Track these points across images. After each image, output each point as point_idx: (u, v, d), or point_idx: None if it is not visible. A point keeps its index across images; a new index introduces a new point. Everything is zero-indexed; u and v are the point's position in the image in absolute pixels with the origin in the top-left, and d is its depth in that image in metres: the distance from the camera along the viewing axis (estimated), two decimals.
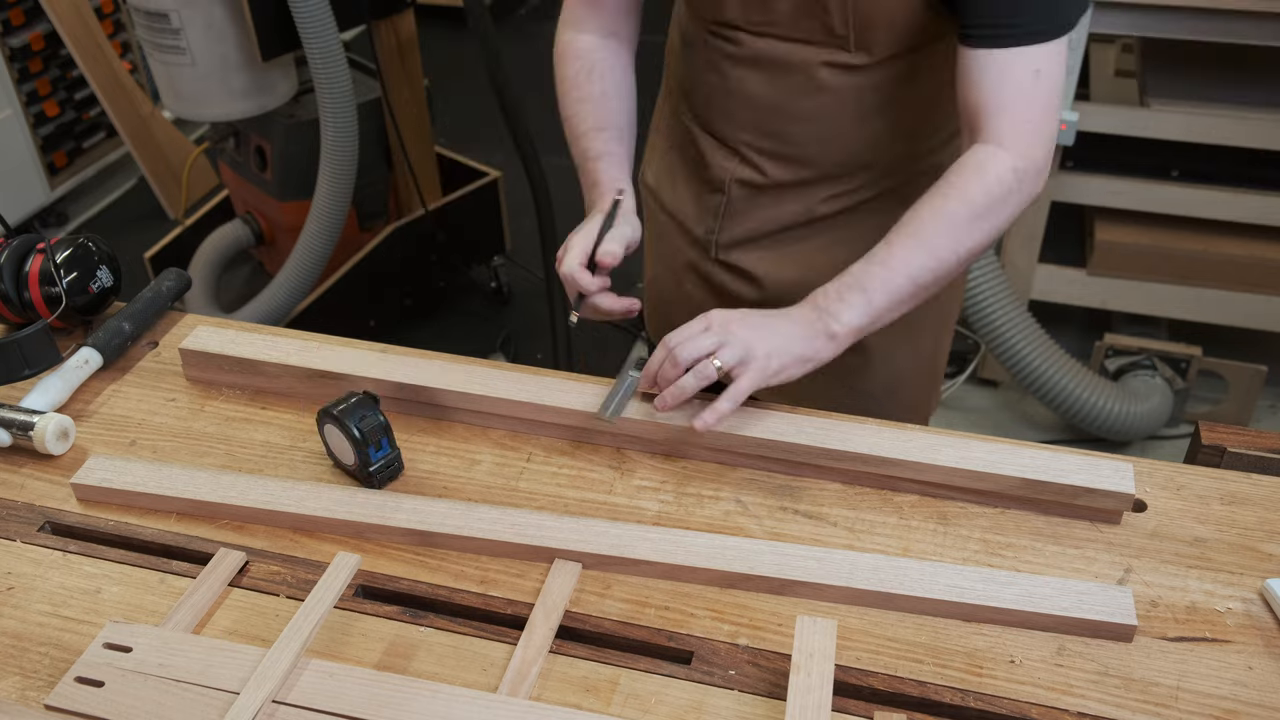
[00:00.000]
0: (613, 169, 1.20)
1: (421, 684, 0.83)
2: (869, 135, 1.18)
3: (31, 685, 0.86)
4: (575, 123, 1.23)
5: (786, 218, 1.27)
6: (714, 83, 1.22)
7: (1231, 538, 0.99)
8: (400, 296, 2.87)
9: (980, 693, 0.85)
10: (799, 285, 1.28)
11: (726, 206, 1.28)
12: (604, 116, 1.22)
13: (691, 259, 1.37)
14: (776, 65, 1.15)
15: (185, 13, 2.24)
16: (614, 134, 1.22)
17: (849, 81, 1.14)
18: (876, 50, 1.11)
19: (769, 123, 1.20)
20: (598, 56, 1.24)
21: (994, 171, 1.03)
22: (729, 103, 1.22)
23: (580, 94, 1.23)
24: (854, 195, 1.24)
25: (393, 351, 1.19)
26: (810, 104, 1.17)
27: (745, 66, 1.18)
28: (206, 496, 1.00)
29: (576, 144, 1.23)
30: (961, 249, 1.04)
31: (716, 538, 0.96)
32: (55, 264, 1.20)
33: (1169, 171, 2.35)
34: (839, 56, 1.12)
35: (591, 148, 1.21)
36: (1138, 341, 2.49)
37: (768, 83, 1.17)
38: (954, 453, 1.01)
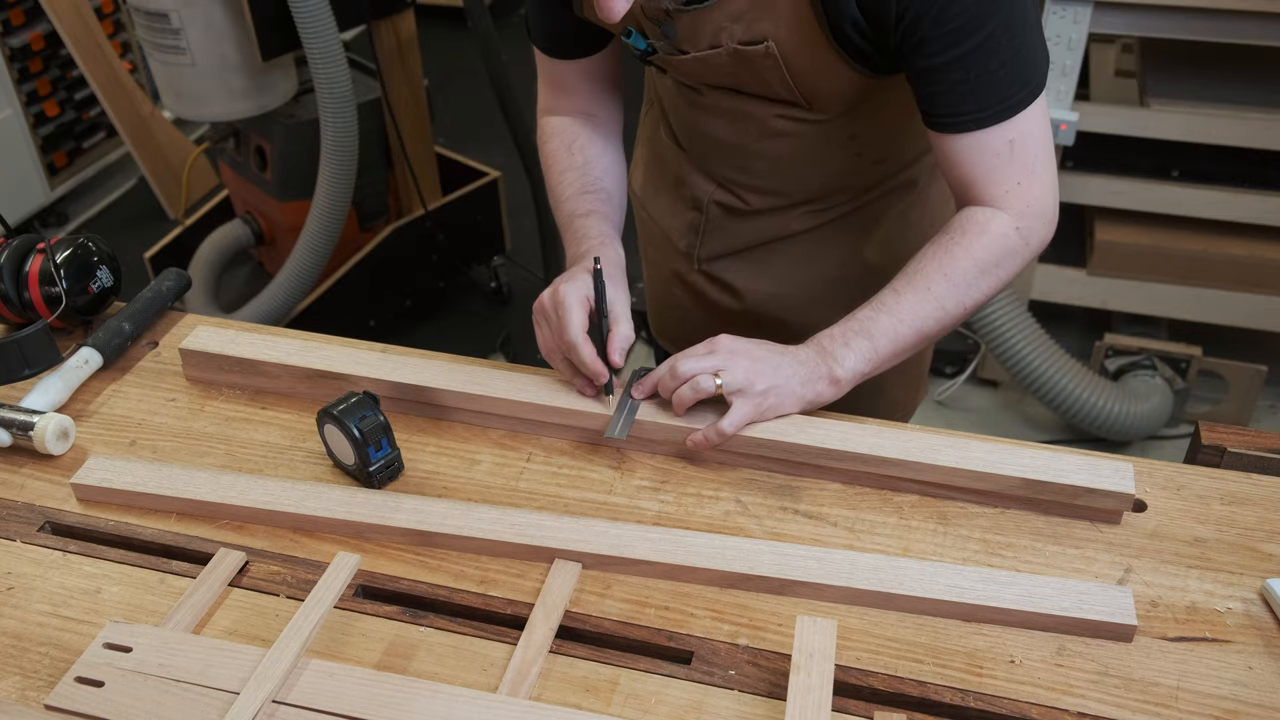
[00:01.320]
0: (600, 224, 1.18)
1: (421, 684, 0.83)
2: (836, 168, 1.19)
3: (31, 685, 0.86)
4: (559, 191, 1.23)
5: (763, 234, 1.27)
6: (686, 118, 1.23)
7: (1231, 538, 0.99)
8: (400, 296, 2.87)
9: (980, 693, 0.85)
10: (777, 297, 1.31)
11: (705, 224, 1.29)
12: (588, 181, 1.22)
13: (677, 267, 1.37)
14: (736, 114, 1.16)
15: (185, 13, 2.24)
16: (600, 196, 1.21)
17: (809, 129, 1.14)
18: (831, 109, 1.11)
19: (737, 159, 1.21)
20: (576, 132, 1.25)
21: (996, 230, 1.04)
22: (700, 139, 1.23)
23: (562, 166, 1.23)
24: (829, 213, 1.24)
25: (393, 351, 1.19)
26: (773, 146, 1.17)
27: (708, 112, 1.18)
28: (206, 496, 1.00)
29: (561, 209, 1.22)
30: (968, 301, 1.05)
31: (716, 538, 0.96)
32: (55, 264, 1.20)
33: (1169, 171, 2.35)
34: (794, 112, 1.13)
35: (578, 208, 1.19)
36: (1138, 341, 2.49)
37: (729, 127, 1.18)
38: (954, 453, 1.01)
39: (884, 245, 1.27)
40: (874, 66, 1.04)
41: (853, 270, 1.28)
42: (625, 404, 1.07)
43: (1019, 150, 1.02)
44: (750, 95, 1.13)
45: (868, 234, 1.26)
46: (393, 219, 2.83)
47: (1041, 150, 1.04)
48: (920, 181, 1.25)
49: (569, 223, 1.19)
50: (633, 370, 1.11)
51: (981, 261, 1.04)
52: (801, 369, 1.03)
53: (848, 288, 1.27)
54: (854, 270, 1.28)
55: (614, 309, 1.07)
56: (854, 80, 1.06)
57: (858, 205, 1.24)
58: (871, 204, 1.24)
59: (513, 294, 3.08)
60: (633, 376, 1.10)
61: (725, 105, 1.16)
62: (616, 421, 1.05)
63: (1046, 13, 2.13)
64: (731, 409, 1.01)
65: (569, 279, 1.07)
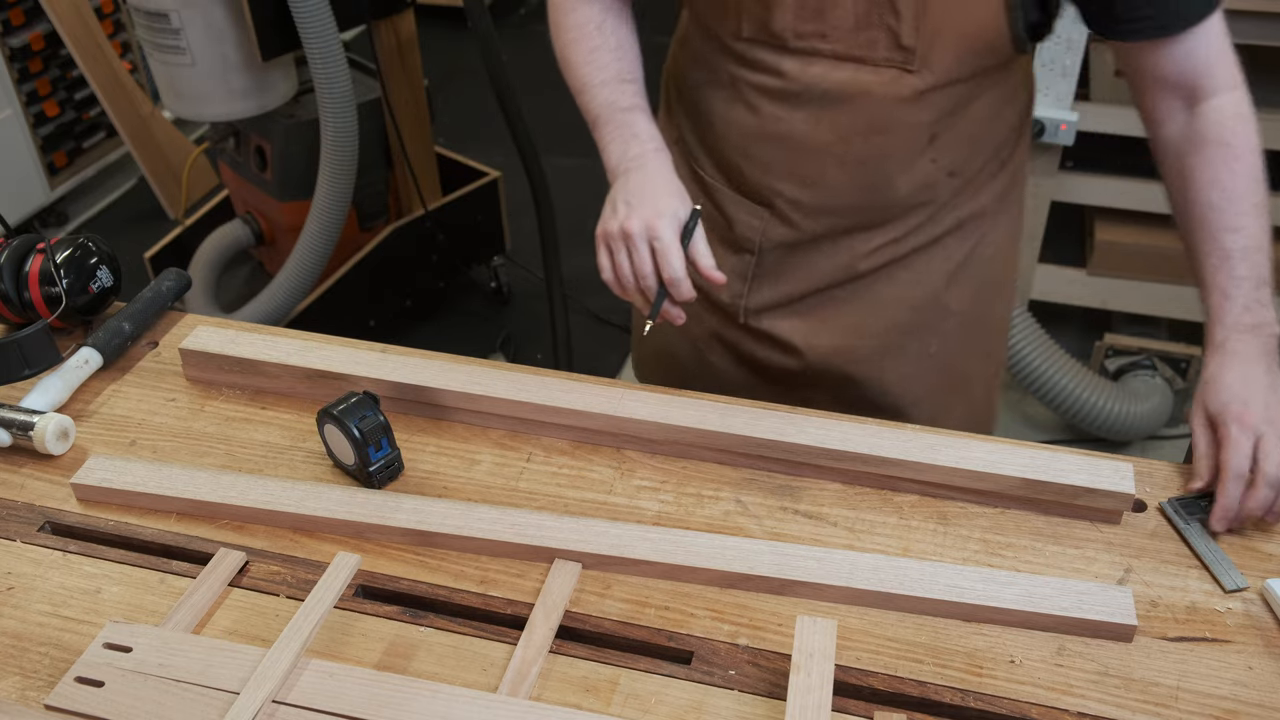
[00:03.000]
0: (651, 125, 1.06)
1: (421, 684, 0.83)
2: (912, 178, 1.11)
3: (31, 685, 0.86)
4: (589, 70, 1.09)
5: (825, 276, 1.17)
6: (742, 123, 1.11)
7: (1231, 538, 0.98)
8: (400, 296, 2.87)
9: (980, 693, 0.85)
10: (843, 351, 1.19)
11: (756, 268, 1.18)
12: (624, 69, 1.09)
13: (714, 327, 1.26)
14: (825, 98, 1.05)
15: (185, 13, 2.24)
16: (640, 90, 1.09)
17: (907, 114, 1.05)
18: (939, 68, 1.03)
19: (810, 168, 1.10)
20: (605, 9, 1.12)
21: (1249, 112, 1.03)
22: (760, 146, 1.11)
23: (593, 43, 1.10)
24: (899, 245, 1.16)
25: (393, 351, 1.19)
26: (859, 143, 1.07)
27: (788, 104, 1.07)
28: (206, 496, 1.00)
29: (595, 93, 1.08)
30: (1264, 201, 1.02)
31: (716, 538, 0.96)
32: (55, 264, 1.20)
33: None
34: (899, 83, 1.03)
35: (619, 99, 1.07)
36: (1138, 341, 2.49)
37: (812, 121, 1.07)
38: (954, 453, 1.01)
39: (959, 286, 1.20)
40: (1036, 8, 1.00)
41: (928, 316, 1.19)
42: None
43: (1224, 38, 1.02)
44: (851, 61, 1.03)
45: (941, 274, 1.18)
46: (393, 219, 2.83)
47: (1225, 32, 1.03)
48: (989, 211, 1.19)
49: (610, 113, 1.07)
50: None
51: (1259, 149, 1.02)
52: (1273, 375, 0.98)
53: (923, 335, 1.20)
54: (929, 316, 1.19)
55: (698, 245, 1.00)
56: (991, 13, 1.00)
57: (928, 240, 1.16)
58: (942, 239, 1.17)
59: (513, 294, 3.08)
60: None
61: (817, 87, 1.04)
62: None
63: None
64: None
65: (658, 212, 0.98)
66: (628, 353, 2.92)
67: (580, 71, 1.10)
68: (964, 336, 1.23)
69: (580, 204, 3.40)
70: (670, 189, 1.01)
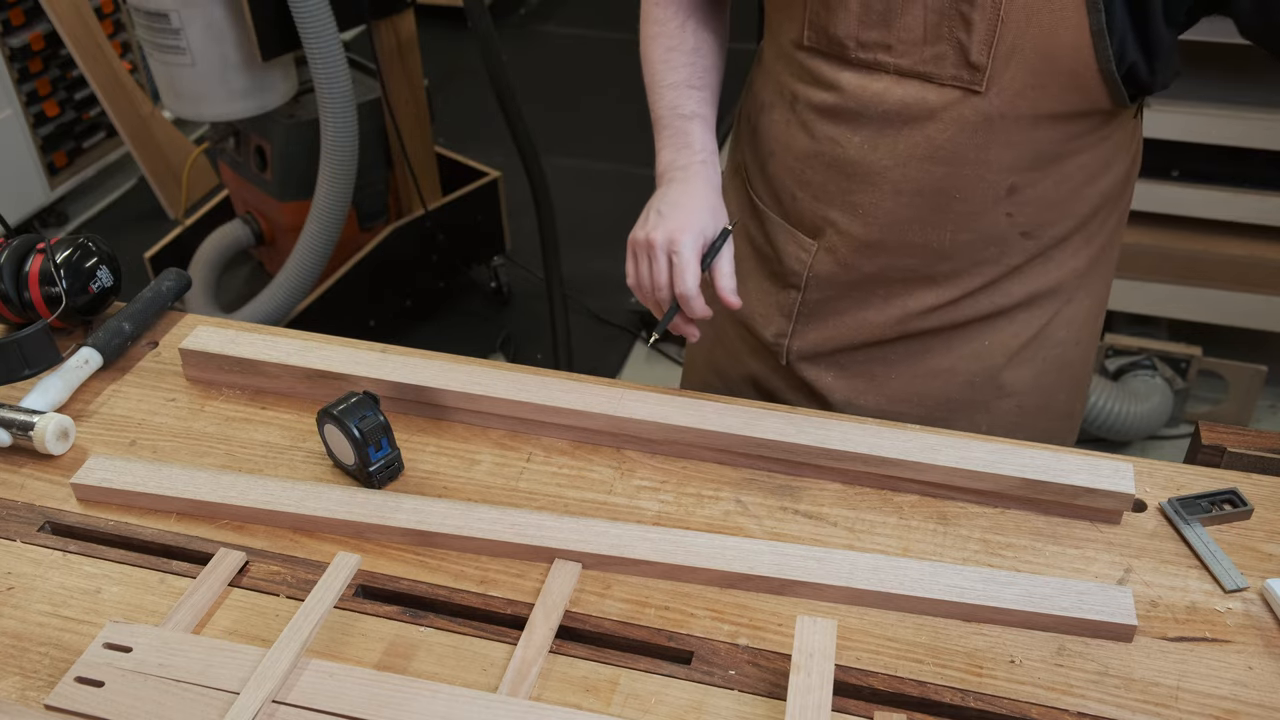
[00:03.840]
0: (707, 137, 1.04)
1: (421, 684, 0.83)
2: (989, 226, 1.01)
3: (31, 685, 0.86)
4: (662, 70, 1.07)
5: (875, 329, 1.10)
6: (799, 146, 1.06)
7: (1231, 538, 0.99)
8: (400, 296, 2.87)
9: (980, 693, 0.85)
10: (886, 415, 1.12)
11: (801, 306, 1.12)
12: (695, 74, 1.06)
13: (753, 370, 1.21)
14: (884, 120, 0.99)
15: (185, 13, 2.24)
16: (709, 97, 1.07)
17: (971, 145, 0.97)
18: (1010, 91, 0.93)
19: (863, 195, 1.03)
20: (690, 11, 1.09)
21: None
22: (815, 170, 1.05)
23: (672, 42, 1.07)
24: (958, 309, 1.08)
25: (393, 351, 1.19)
26: (918, 172, 0.99)
27: (846, 124, 1.01)
28: (206, 496, 1.00)
29: (661, 94, 1.06)
30: None
31: (716, 538, 0.96)
32: (55, 264, 1.20)
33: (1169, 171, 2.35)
34: (965, 104, 0.95)
35: (683, 104, 1.05)
36: (1138, 341, 2.49)
37: (868, 145, 1.01)
38: (954, 453, 1.01)
39: (1022, 366, 1.11)
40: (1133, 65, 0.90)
41: (983, 393, 1.11)
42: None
43: None
44: (915, 77, 0.96)
45: (1003, 349, 1.10)
46: (393, 219, 2.83)
47: None
48: (1067, 288, 1.10)
49: (670, 117, 1.05)
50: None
51: None
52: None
53: (976, 416, 1.13)
54: (984, 394, 1.11)
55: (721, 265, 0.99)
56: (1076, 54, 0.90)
57: (993, 310, 1.08)
58: (1010, 311, 1.08)
59: (513, 294, 3.08)
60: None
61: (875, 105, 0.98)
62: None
63: None
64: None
65: (683, 226, 0.96)
66: (628, 353, 2.92)
67: (653, 69, 1.08)
68: (1020, 422, 1.14)
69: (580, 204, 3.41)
70: (704, 204, 1.00)
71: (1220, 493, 1.01)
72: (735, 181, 1.20)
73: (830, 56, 1.01)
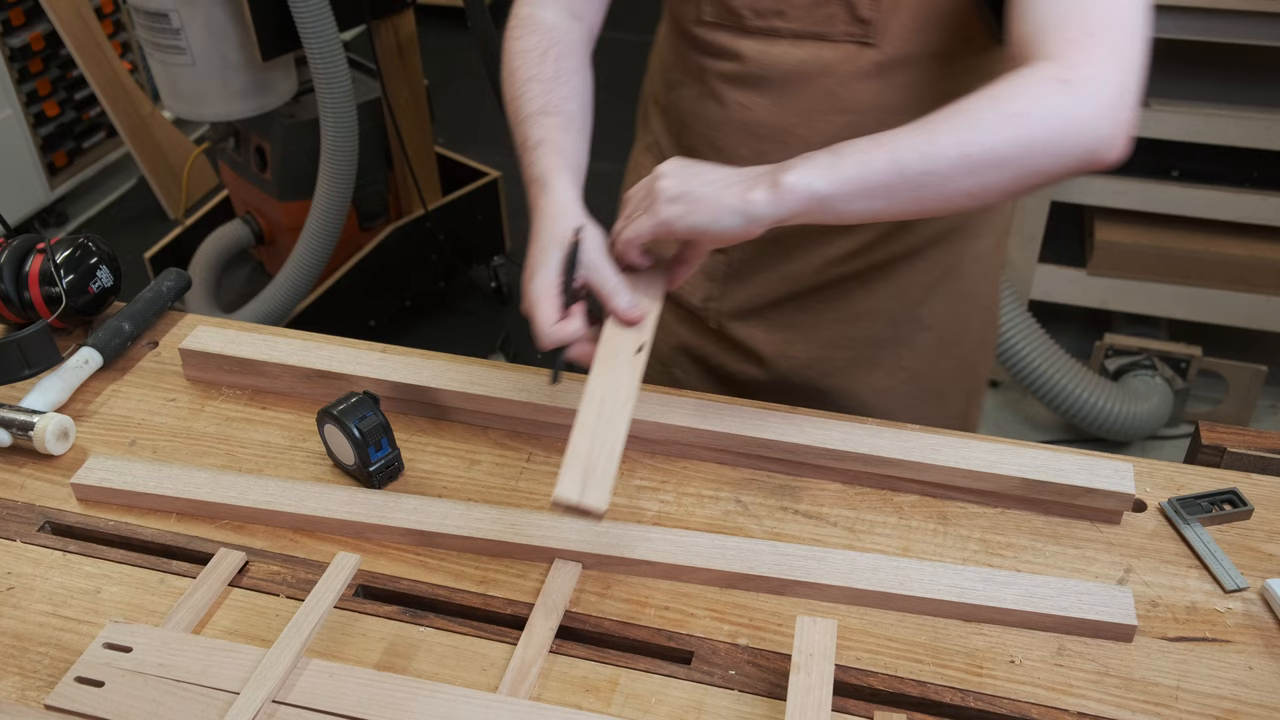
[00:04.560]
0: (551, 156, 0.98)
1: (421, 684, 0.83)
2: None
3: (31, 685, 0.86)
4: (519, 105, 1.02)
5: (799, 280, 1.14)
6: (711, 116, 1.10)
7: (1231, 538, 0.99)
8: (400, 296, 2.87)
9: (980, 693, 0.85)
10: (814, 366, 1.17)
11: (727, 268, 1.16)
12: (551, 101, 1.02)
13: (683, 339, 1.24)
14: (787, 80, 1.04)
15: (185, 13, 2.24)
16: (561, 120, 1.01)
17: (869, 92, 1.02)
18: (899, 39, 0.98)
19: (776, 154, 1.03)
20: (558, 35, 1.06)
21: (1031, 75, 0.83)
22: (728, 136, 1.09)
23: (530, 73, 1.03)
24: (874, 252, 1.12)
25: (393, 351, 1.19)
26: (824, 124, 1.04)
27: (752, 89, 1.06)
28: (206, 496, 1.00)
29: (517, 130, 1.02)
30: (969, 146, 0.82)
31: (716, 538, 0.96)
32: (55, 264, 1.20)
33: (1169, 171, 2.35)
34: (860, 57, 1.00)
35: (531, 134, 0.99)
36: (1138, 341, 2.49)
37: (775, 105, 1.05)
38: (954, 453, 1.01)
39: (936, 300, 1.16)
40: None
41: (903, 330, 1.16)
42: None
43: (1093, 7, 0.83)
44: (809, 39, 1.00)
45: (918, 286, 1.16)
46: (393, 219, 2.83)
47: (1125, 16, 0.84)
48: (972, 224, 1.15)
49: (521, 153, 1.01)
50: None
51: (999, 99, 0.82)
52: (734, 174, 0.88)
53: (897, 349, 1.18)
54: (904, 330, 1.17)
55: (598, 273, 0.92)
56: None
57: (906, 250, 1.12)
58: (922, 250, 1.13)
59: (513, 294, 3.08)
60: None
61: (776, 69, 1.02)
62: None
63: None
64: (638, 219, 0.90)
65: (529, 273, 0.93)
66: None
67: (513, 105, 1.04)
68: (940, 352, 1.20)
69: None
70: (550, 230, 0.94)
71: (1220, 493, 1.01)
72: (648, 160, 1.21)
73: (729, 28, 1.04)
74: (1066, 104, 0.81)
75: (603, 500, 0.81)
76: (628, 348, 0.92)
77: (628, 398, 0.90)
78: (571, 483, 0.82)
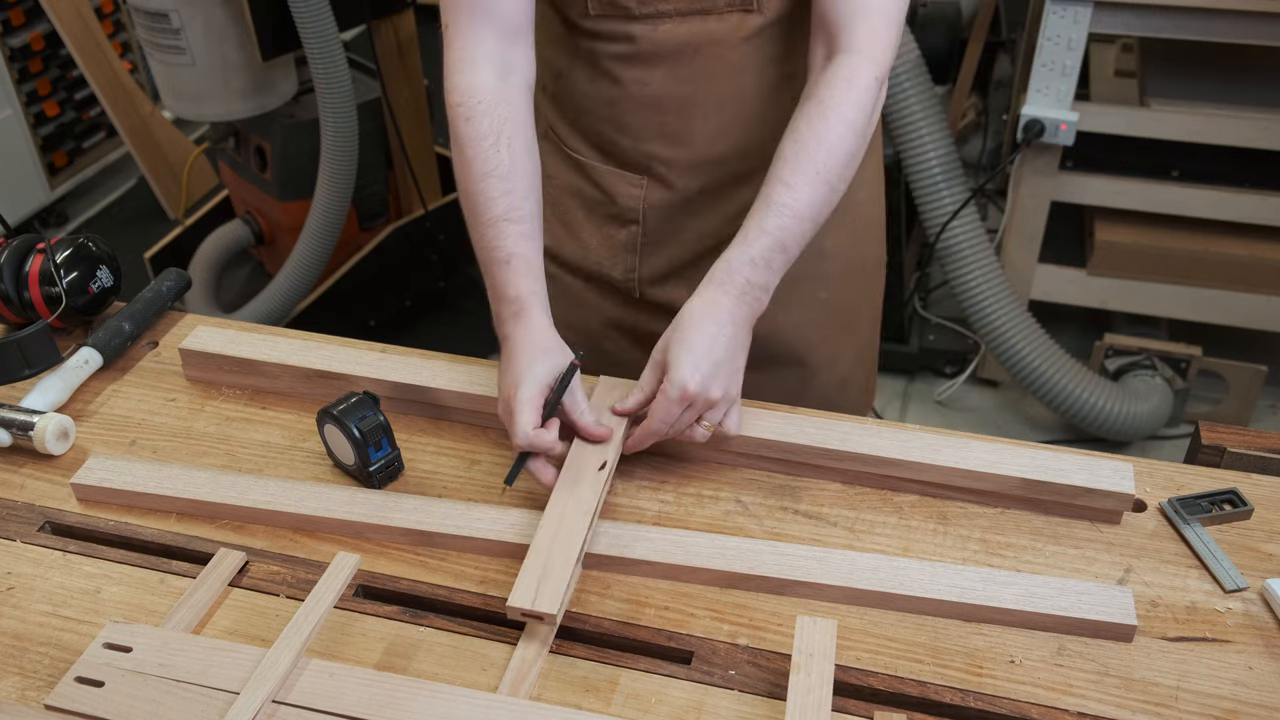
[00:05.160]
0: (525, 280, 1.03)
1: (421, 684, 0.83)
2: (784, 115, 1.09)
3: (31, 685, 0.86)
4: (480, 204, 1.04)
5: (711, 235, 1.19)
6: (609, 95, 1.13)
7: (1231, 538, 0.99)
8: (400, 296, 2.87)
9: (980, 693, 0.85)
10: None
11: (643, 237, 1.20)
12: (513, 203, 1.04)
13: (610, 313, 1.28)
14: (679, 52, 1.08)
15: (185, 13, 2.24)
16: (526, 229, 1.05)
17: (754, 51, 1.09)
18: (778, 4, 1.08)
19: (677, 124, 1.13)
20: (504, 112, 1.06)
21: (861, 84, 1.02)
22: (628, 113, 1.13)
23: (486, 167, 1.04)
24: None
25: (393, 351, 1.19)
26: (719, 87, 1.11)
27: (646, 65, 1.10)
28: (206, 496, 1.00)
29: (481, 233, 1.05)
30: (849, 173, 1.04)
31: (716, 538, 0.96)
32: (55, 264, 1.20)
33: (1169, 171, 2.35)
34: (745, 23, 1.07)
35: (500, 244, 1.03)
36: (1138, 341, 2.49)
37: (670, 77, 1.10)
38: (954, 453, 1.01)
39: (836, 230, 1.22)
40: None
41: (812, 265, 1.20)
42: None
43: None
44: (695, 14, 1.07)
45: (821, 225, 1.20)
46: (393, 219, 2.83)
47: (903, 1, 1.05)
48: None
49: (489, 264, 1.05)
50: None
51: (857, 126, 1.02)
52: (741, 334, 1.01)
53: (811, 283, 1.24)
54: (813, 264, 1.21)
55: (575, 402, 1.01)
56: None
57: None
58: None
59: None
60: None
61: (668, 44, 1.08)
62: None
63: (1046, 13, 2.13)
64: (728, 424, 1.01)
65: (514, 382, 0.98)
66: None
67: (471, 202, 1.06)
68: (847, 279, 1.28)
69: None
70: (535, 350, 1.00)
71: (1220, 493, 1.01)
72: (547, 145, 1.23)
73: (616, 17, 1.09)
74: (880, 97, 1.05)
75: (553, 605, 0.87)
76: (591, 465, 0.99)
77: (588, 510, 0.95)
78: (526, 590, 0.88)
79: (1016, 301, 2.37)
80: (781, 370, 1.30)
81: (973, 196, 2.34)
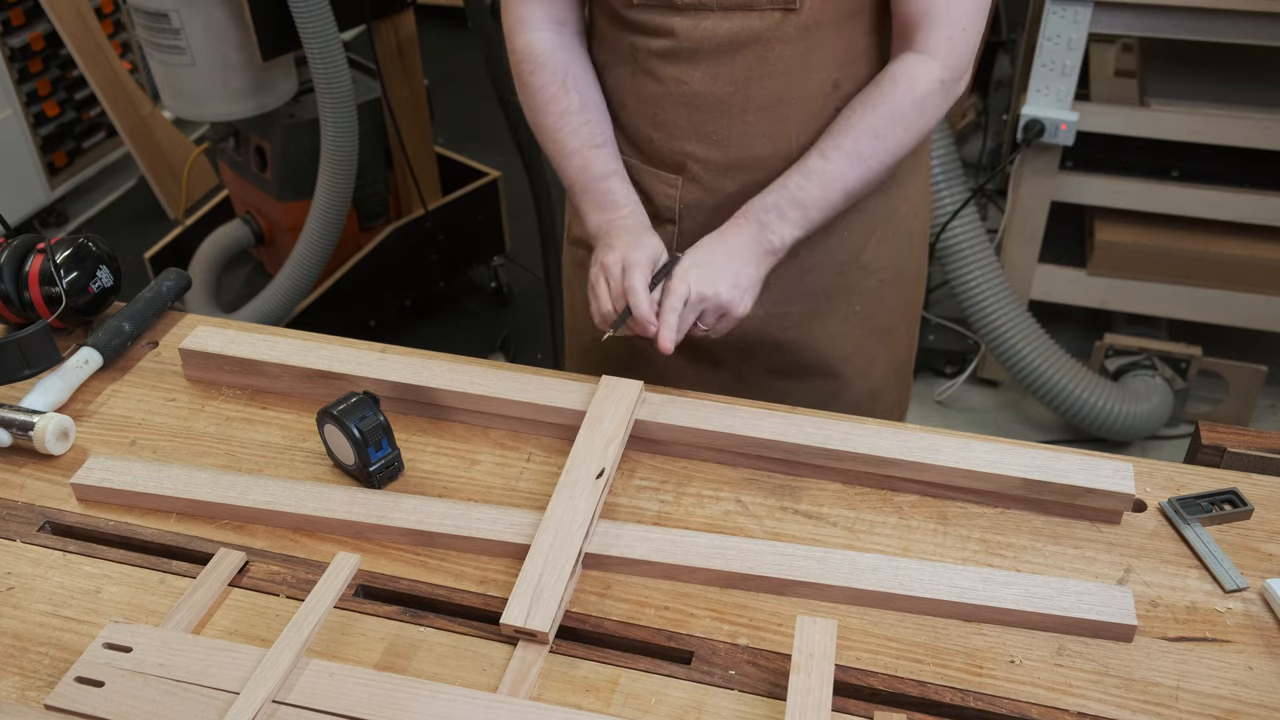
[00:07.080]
0: (628, 189, 1.14)
1: (421, 684, 0.83)
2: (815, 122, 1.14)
3: (31, 685, 0.86)
4: (561, 138, 1.16)
5: None
6: (648, 92, 1.16)
7: (1231, 538, 0.99)
8: (400, 296, 2.87)
9: (980, 693, 0.85)
10: (772, 321, 1.24)
11: (679, 237, 1.22)
12: (597, 132, 1.16)
13: None
14: (719, 51, 1.10)
15: (185, 13, 2.24)
16: (613, 151, 1.16)
17: (795, 54, 1.10)
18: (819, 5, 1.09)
19: (715, 124, 1.15)
20: (565, 61, 1.17)
21: (924, 84, 1.07)
22: (667, 111, 1.16)
23: (560, 106, 1.16)
24: None
25: (393, 351, 1.19)
26: (758, 90, 1.12)
27: (686, 63, 1.12)
28: (206, 496, 1.00)
29: (569, 160, 1.16)
30: (890, 159, 1.09)
31: (716, 538, 0.96)
32: (55, 264, 1.20)
33: (1169, 171, 2.35)
34: (786, 23, 1.08)
35: (593, 165, 1.14)
36: (1138, 341, 2.49)
37: (709, 77, 1.12)
38: (954, 453, 1.01)
39: (879, 245, 1.23)
40: None
41: (851, 277, 1.24)
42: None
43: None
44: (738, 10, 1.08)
45: (862, 234, 1.22)
46: (393, 219, 2.83)
47: (985, 4, 1.09)
48: (906, 167, 1.22)
49: (587, 181, 1.15)
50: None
51: (906, 117, 1.08)
52: (747, 252, 1.07)
53: (848, 295, 1.24)
54: (852, 277, 1.24)
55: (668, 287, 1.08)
56: None
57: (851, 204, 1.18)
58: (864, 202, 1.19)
59: (513, 294, 3.08)
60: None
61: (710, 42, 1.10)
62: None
63: (1046, 12, 2.13)
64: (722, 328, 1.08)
65: (635, 244, 1.07)
66: None
67: (552, 138, 1.17)
68: (884, 291, 1.29)
69: None
70: (638, 232, 1.10)
71: (1220, 493, 1.01)
72: None
73: (660, 8, 1.11)
74: (945, 100, 1.10)
75: (545, 624, 0.88)
76: (589, 473, 1.00)
77: (583, 522, 0.96)
78: (519, 608, 0.89)
79: (1016, 301, 2.37)
80: (814, 380, 1.29)
81: (973, 196, 2.34)
